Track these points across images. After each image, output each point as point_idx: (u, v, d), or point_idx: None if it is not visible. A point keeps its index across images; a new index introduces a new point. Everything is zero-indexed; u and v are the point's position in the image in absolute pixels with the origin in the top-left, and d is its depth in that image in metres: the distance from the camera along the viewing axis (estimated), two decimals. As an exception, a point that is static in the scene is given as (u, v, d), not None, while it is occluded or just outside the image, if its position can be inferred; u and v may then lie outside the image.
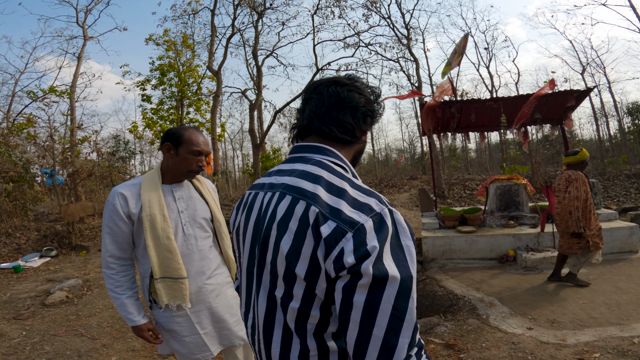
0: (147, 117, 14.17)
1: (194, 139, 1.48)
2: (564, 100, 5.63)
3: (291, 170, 0.77)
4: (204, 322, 1.50)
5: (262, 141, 7.31)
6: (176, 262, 1.41)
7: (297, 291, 0.67)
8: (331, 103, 0.77)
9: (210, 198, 1.62)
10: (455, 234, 5.07)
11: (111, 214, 1.40)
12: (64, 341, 3.27)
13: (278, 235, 0.69)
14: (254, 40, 7.48)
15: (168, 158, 1.49)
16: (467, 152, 26.67)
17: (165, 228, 1.41)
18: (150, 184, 1.47)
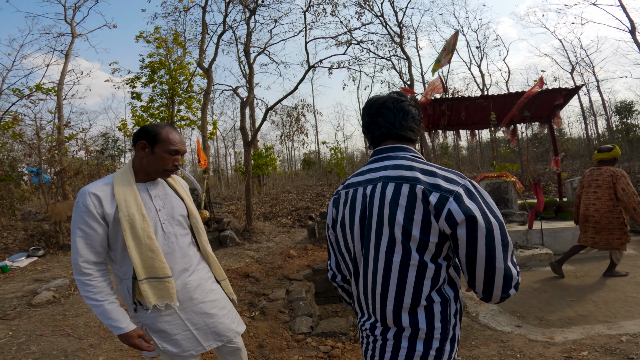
0: (136, 114, 13.99)
1: (171, 137, 1.44)
2: (552, 98, 5.69)
3: (384, 167, 1.04)
4: (194, 318, 1.48)
5: (253, 139, 7.25)
6: (160, 262, 1.38)
7: (413, 249, 0.93)
8: (400, 115, 1.07)
9: (185, 194, 1.60)
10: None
11: (83, 215, 1.32)
12: (50, 341, 3.24)
13: (391, 211, 0.95)
14: (246, 38, 7.39)
15: (142, 156, 1.44)
16: (459, 150, 26.87)
17: (145, 228, 1.37)
18: (123, 182, 1.41)
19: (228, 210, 10.85)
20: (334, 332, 2.92)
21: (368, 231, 1.00)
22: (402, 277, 0.95)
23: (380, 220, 0.97)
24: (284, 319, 3.36)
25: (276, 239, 7.02)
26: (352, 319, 3.13)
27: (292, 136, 18.29)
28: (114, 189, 1.38)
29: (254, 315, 3.51)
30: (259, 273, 4.78)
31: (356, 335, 2.86)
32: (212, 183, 27.22)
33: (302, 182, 20.91)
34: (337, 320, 3.10)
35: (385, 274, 0.97)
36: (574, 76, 19.85)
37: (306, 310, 3.43)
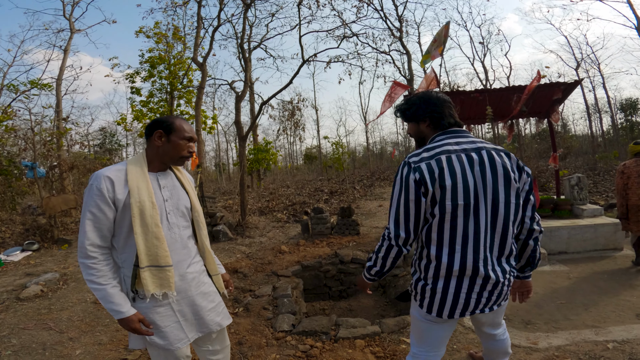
0: (136, 109, 13.96)
1: (184, 126, 1.53)
2: (550, 93, 5.54)
3: (471, 141, 1.40)
4: (185, 309, 1.51)
5: (247, 133, 7.18)
6: (163, 250, 1.41)
7: (515, 194, 1.36)
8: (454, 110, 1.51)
9: (190, 188, 1.65)
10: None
11: (96, 198, 1.34)
12: (31, 334, 3.25)
13: (506, 167, 1.35)
14: (241, 32, 7.28)
15: (158, 145, 1.50)
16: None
17: (154, 215, 1.41)
18: (137, 170, 1.45)
19: (225, 204, 10.82)
20: (315, 330, 2.86)
21: (496, 181, 1.32)
22: (515, 216, 1.36)
23: (508, 181, 1.33)
24: (267, 316, 3.31)
25: (269, 234, 6.97)
26: (335, 318, 3.07)
27: (288, 130, 18.21)
28: (127, 174, 1.41)
29: (237, 312, 3.45)
30: (247, 269, 4.73)
31: (337, 334, 2.80)
32: (213, 177, 27.24)
33: (303, 177, 20.86)
34: (320, 319, 3.04)
35: (506, 213, 1.33)
36: (579, 73, 19.55)
37: (290, 307, 3.37)
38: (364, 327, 2.87)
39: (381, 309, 4.19)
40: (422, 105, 1.48)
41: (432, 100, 1.48)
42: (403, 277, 4.37)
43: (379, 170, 19.16)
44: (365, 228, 6.96)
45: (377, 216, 8.29)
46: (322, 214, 6.39)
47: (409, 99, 1.55)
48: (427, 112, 1.47)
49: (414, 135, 1.57)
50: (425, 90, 1.56)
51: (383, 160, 28.94)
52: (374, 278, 1.53)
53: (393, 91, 4.98)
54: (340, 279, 4.74)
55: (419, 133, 1.53)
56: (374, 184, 13.78)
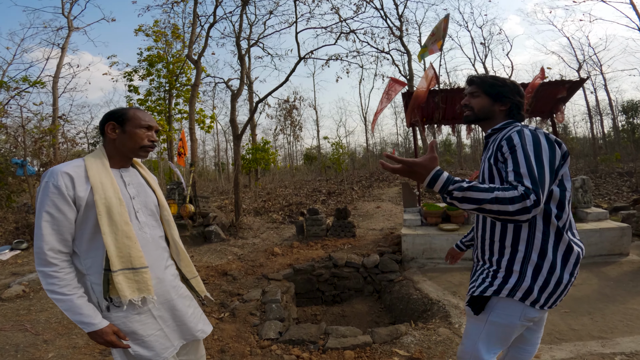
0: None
1: (139, 114, 1.41)
2: (555, 91, 5.36)
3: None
4: (165, 315, 1.40)
5: (243, 132, 7.01)
6: (137, 250, 1.30)
7: None
8: None
9: (155, 185, 1.55)
10: (437, 231, 4.83)
11: (53, 197, 1.21)
12: (6, 336, 3.13)
13: None
14: (238, 29, 7.13)
15: (113, 138, 1.38)
16: (462, 147, 26.45)
17: (122, 213, 1.29)
18: (97, 165, 1.32)
19: (221, 204, 10.65)
20: (302, 339, 2.68)
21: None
22: None
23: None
24: (254, 322, 3.13)
25: (263, 235, 6.79)
26: (325, 326, 2.89)
27: (285, 130, 18.04)
28: (87, 170, 1.29)
29: (223, 317, 3.28)
30: (238, 271, 4.55)
31: (325, 344, 2.62)
32: (212, 177, 27.05)
33: (302, 177, 20.68)
34: (308, 327, 2.87)
35: None
36: (580, 74, 19.36)
37: (278, 313, 3.20)
38: (355, 336, 2.69)
39: (375, 315, 4.01)
40: (513, 89, 1.43)
41: (520, 91, 1.45)
42: (399, 282, 4.19)
43: (378, 171, 18.99)
44: (362, 230, 6.78)
45: (374, 218, 8.11)
46: (317, 215, 6.22)
47: (499, 78, 1.47)
48: (514, 97, 1.43)
49: (478, 110, 1.47)
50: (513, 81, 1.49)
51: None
52: (447, 194, 1.15)
53: (390, 88, 4.82)
54: (333, 283, 4.56)
55: (488, 111, 1.45)
56: (372, 184, 13.60)
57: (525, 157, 1.19)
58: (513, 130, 1.29)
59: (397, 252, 4.87)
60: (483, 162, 1.42)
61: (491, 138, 1.45)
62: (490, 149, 1.38)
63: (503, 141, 1.29)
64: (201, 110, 14.37)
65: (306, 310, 4.28)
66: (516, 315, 1.29)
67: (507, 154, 1.25)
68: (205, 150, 33.02)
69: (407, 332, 2.79)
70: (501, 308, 1.31)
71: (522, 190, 1.10)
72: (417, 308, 3.52)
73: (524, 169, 1.17)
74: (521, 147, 1.22)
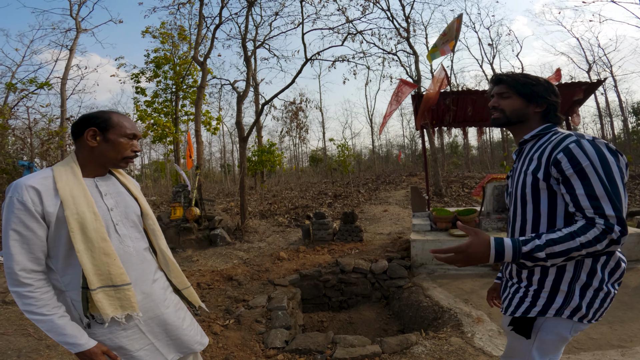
0: (140, 109, 13.91)
1: (124, 122, 1.30)
2: (571, 93, 5.22)
3: None
4: (155, 330, 1.33)
5: (248, 134, 6.96)
6: (117, 267, 1.20)
7: None
8: None
9: (137, 193, 1.44)
10: (447, 237, 4.72)
11: (19, 213, 1.11)
12: (9, 340, 3.09)
13: None
14: (244, 30, 7.10)
15: (92, 146, 1.26)
16: (469, 150, 26.22)
17: (98, 228, 1.19)
18: (67, 176, 1.21)
19: (226, 207, 10.62)
20: (309, 349, 2.60)
21: None
22: None
23: None
24: (259, 329, 3.06)
25: (269, 239, 6.73)
26: (332, 335, 2.80)
27: (291, 132, 17.99)
28: (56, 183, 1.18)
29: (228, 324, 3.21)
30: (243, 276, 4.49)
31: (333, 354, 2.53)
32: (218, 179, 27.10)
33: (308, 180, 20.62)
34: (315, 336, 2.78)
35: None
36: (590, 75, 19.09)
37: (284, 321, 3.12)
38: (364, 346, 2.61)
39: (383, 323, 3.92)
40: (549, 88, 1.28)
41: (555, 90, 1.30)
42: (408, 288, 4.09)
43: (384, 173, 18.87)
44: (369, 234, 6.68)
45: (381, 222, 8.01)
46: (323, 219, 6.14)
47: (532, 76, 1.31)
48: (549, 96, 1.28)
49: (511, 113, 1.31)
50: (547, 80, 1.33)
51: (389, 164, 28.64)
52: (526, 261, 1.06)
53: (400, 90, 4.72)
54: (340, 289, 4.48)
55: (522, 113, 1.30)
56: (379, 187, 13.50)
57: (598, 179, 1.06)
58: (570, 142, 1.11)
59: (405, 258, 4.77)
60: (521, 173, 1.26)
61: (527, 145, 1.30)
62: (535, 161, 1.20)
63: (559, 155, 1.11)
64: (207, 112, 14.41)
65: (312, 316, 4.20)
66: (566, 330, 1.21)
67: (571, 173, 1.09)
68: (211, 151, 33.19)
69: (418, 342, 2.69)
70: (549, 327, 1.22)
71: (602, 226, 1.02)
72: (427, 316, 3.42)
73: (601, 192, 1.04)
74: (590, 165, 1.07)
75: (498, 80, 1.35)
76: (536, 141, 1.26)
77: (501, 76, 1.34)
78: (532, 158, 1.22)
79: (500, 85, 1.33)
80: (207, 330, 3.06)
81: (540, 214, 1.19)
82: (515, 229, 1.30)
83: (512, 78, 1.31)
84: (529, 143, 1.30)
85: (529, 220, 1.23)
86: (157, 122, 13.26)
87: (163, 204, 12.34)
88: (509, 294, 1.30)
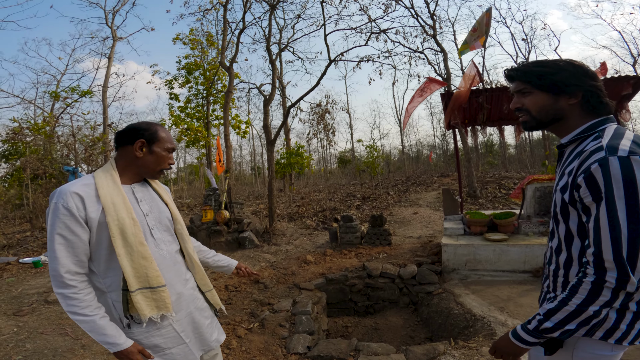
0: (174, 115, 14.50)
1: (167, 136, 1.39)
2: (619, 88, 4.80)
3: None
4: (187, 328, 1.40)
5: (276, 137, 7.02)
6: (154, 270, 1.28)
7: None
8: None
9: (168, 199, 1.51)
10: (482, 242, 4.46)
11: (65, 219, 1.18)
12: (47, 340, 3.23)
13: None
14: (268, 34, 7.18)
15: (137, 156, 1.34)
16: (506, 148, 24.99)
17: (136, 233, 1.27)
18: (108, 183, 1.28)
19: (256, 209, 10.78)
20: (331, 356, 2.53)
21: None
22: None
23: None
24: (283, 334, 3.03)
25: (296, 242, 6.72)
26: (356, 342, 2.72)
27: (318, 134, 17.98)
28: (97, 189, 1.25)
29: (252, 327, 3.21)
30: (269, 279, 4.50)
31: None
32: (249, 181, 27.67)
33: (336, 181, 20.55)
34: (338, 342, 2.71)
35: None
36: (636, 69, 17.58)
37: (307, 326, 3.07)
38: (388, 354, 2.50)
39: (410, 329, 3.77)
40: (576, 71, 1.03)
41: (589, 71, 1.04)
42: (438, 294, 3.91)
43: (414, 174, 18.42)
44: (398, 238, 6.50)
45: (411, 225, 7.78)
46: (351, 223, 6.04)
47: (549, 62, 1.08)
48: (581, 81, 1.03)
49: (538, 112, 1.10)
50: (569, 60, 1.09)
51: (419, 164, 27.93)
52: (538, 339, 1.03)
53: (426, 86, 4.54)
54: (367, 293, 4.37)
55: (553, 110, 1.08)
56: (409, 189, 13.17)
57: (609, 214, 0.89)
58: (594, 160, 0.92)
59: (436, 263, 4.58)
60: (555, 187, 1.11)
61: (568, 149, 1.10)
62: (565, 177, 1.03)
63: (579, 178, 0.94)
64: (237, 116, 14.76)
65: (337, 321, 4.13)
66: (607, 348, 1.05)
67: (590, 202, 0.94)
68: (242, 154, 34.00)
69: (446, 352, 2.54)
70: (583, 346, 1.08)
71: (592, 276, 0.91)
72: (458, 324, 3.25)
73: (606, 230, 0.89)
74: (608, 196, 0.89)
75: (509, 76, 1.15)
76: (577, 145, 1.06)
77: (510, 71, 1.14)
78: (564, 172, 1.05)
79: (515, 82, 1.13)
80: (231, 333, 3.08)
81: (573, 234, 1.05)
82: (553, 247, 1.16)
83: (523, 71, 1.11)
84: (569, 147, 1.10)
85: (562, 240, 1.09)
86: (190, 127, 13.75)
87: (197, 207, 12.76)
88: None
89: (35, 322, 3.67)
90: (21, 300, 4.41)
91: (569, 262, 1.08)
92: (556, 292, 1.14)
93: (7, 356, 2.92)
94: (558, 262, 1.12)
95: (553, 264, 1.15)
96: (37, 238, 8.09)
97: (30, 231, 8.41)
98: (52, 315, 3.87)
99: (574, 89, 1.04)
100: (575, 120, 1.07)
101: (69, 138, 7.79)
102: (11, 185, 8.29)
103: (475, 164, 15.27)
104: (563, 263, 1.10)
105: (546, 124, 1.12)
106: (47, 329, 3.47)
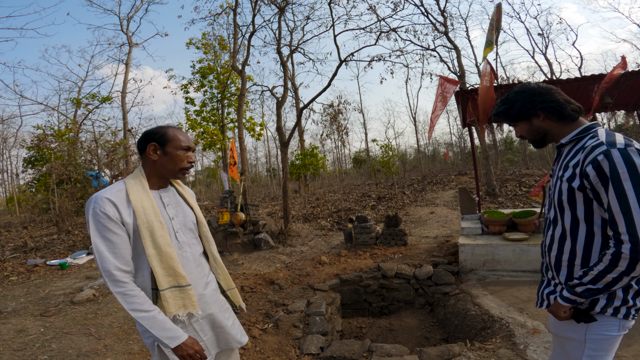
0: (190, 118, 14.80)
1: (179, 135, 1.42)
2: (639, 82, 4.63)
3: None
4: (205, 328, 1.45)
5: (289, 139, 7.07)
6: (180, 270, 1.35)
7: None
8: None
9: (193, 202, 1.58)
10: (501, 241, 4.35)
11: (104, 221, 1.25)
12: (72, 340, 3.35)
13: None
14: (278, 36, 7.23)
15: (154, 160, 1.40)
16: (526, 145, 24.29)
17: (164, 235, 1.34)
18: (138, 189, 1.36)
19: (271, 210, 10.87)
20: (344, 357, 2.53)
21: None
22: None
23: None
24: (296, 334, 3.05)
25: (311, 243, 6.74)
26: (369, 343, 2.71)
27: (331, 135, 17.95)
28: (128, 195, 1.33)
29: (266, 328, 3.25)
30: (284, 280, 4.53)
31: (370, 364, 2.44)
32: (265, 182, 27.90)
33: (351, 182, 20.47)
34: (352, 343, 2.71)
35: None
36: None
37: (321, 327, 3.08)
38: (401, 356, 2.48)
39: (426, 330, 3.72)
40: (526, 99, 1.31)
41: (536, 91, 1.30)
42: (454, 295, 3.85)
43: (431, 173, 18.14)
44: (414, 238, 6.43)
45: (427, 224, 7.67)
46: (366, 223, 6.02)
47: (505, 98, 1.36)
48: (535, 104, 1.29)
49: (530, 135, 1.37)
50: (522, 84, 1.36)
51: (436, 163, 27.50)
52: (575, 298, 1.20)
53: (444, 90, 4.48)
54: (382, 294, 4.34)
55: (536, 130, 1.34)
56: (425, 188, 12.98)
57: (618, 194, 1.06)
58: (598, 153, 1.10)
59: (453, 263, 4.50)
60: (557, 179, 1.26)
61: (565, 148, 1.29)
62: (570, 169, 1.20)
63: (588, 168, 1.12)
64: (251, 119, 14.92)
65: (351, 322, 4.11)
66: (614, 328, 1.22)
67: (599, 186, 1.11)
68: (257, 156, 34.34)
69: (461, 353, 2.50)
70: (595, 327, 1.24)
71: (613, 248, 1.08)
72: (475, 325, 3.18)
73: (617, 208, 1.07)
74: (615, 179, 1.07)
75: (495, 121, 1.44)
76: (574, 145, 1.25)
77: (495, 117, 1.41)
78: (567, 165, 1.22)
79: (501, 121, 1.41)
80: (246, 333, 3.12)
81: (579, 219, 1.20)
82: (555, 235, 1.28)
83: (495, 114, 1.39)
84: (567, 146, 1.28)
85: (567, 227, 1.23)
86: (205, 130, 14.00)
87: (214, 209, 12.97)
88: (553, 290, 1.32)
89: (61, 323, 3.81)
90: (48, 301, 4.59)
91: (574, 248, 1.22)
92: (559, 278, 1.27)
93: (33, 356, 3.03)
94: (562, 249, 1.25)
95: (555, 250, 1.28)
96: (64, 241, 8.40)
97: (57, 234, 8.76)
98: (77, 316, 4.00)
99: (533, 111, 1.30)
100: (558, 129, 1.30)
101: (91, 144, 8.08)
102: (38, 190, 8.65)
103: (494, 161, 14.91)
104: (569, 249, 1.23)
105: (542, 140, 1.35)
106: (72, 329, 3.58)
